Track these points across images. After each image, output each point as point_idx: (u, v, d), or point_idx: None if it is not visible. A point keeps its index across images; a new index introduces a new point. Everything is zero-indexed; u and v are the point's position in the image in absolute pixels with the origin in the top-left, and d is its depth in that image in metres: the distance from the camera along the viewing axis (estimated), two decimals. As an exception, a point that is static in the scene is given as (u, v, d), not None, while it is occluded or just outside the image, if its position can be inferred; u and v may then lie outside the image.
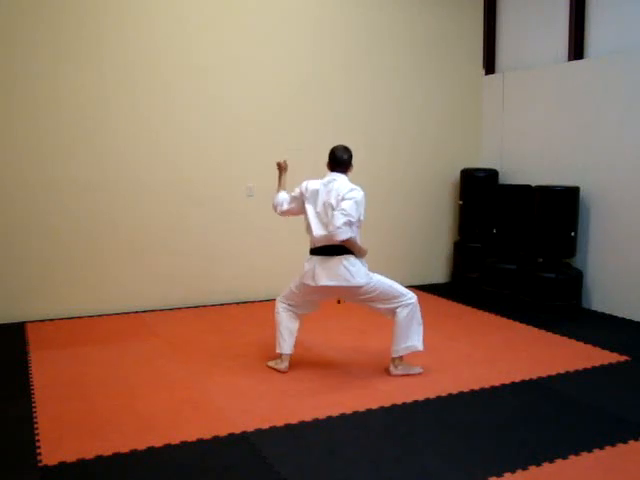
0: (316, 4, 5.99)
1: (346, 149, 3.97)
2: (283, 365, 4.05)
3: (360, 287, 3.84)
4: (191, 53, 5.52)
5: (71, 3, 5.08)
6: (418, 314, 3.98)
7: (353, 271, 3.79)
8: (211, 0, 5.54)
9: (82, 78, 5.17)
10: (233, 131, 5.75)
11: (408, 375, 3.99)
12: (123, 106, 5.33)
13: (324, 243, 3.83)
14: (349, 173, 3.96)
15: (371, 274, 3.92)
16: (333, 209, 3.75)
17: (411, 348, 3.97)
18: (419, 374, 4.02)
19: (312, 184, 3.93)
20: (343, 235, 3.66)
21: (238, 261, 5.87)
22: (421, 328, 4.00)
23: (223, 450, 3.00)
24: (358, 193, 3.77)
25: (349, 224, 3.67)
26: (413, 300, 3.96)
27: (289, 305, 4.08)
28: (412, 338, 3.96)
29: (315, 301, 4.11)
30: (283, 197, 4.06)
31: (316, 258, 3.87)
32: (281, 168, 4.13)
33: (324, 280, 3.81)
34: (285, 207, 4.05)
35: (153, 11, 5.35)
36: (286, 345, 4.04)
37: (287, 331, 4.04)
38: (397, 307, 3.94)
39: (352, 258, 3.81)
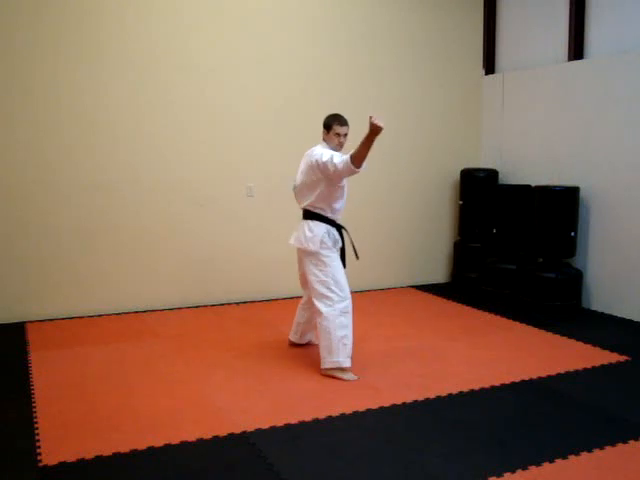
0: (316, 4, 5.99)
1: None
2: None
3: (310, 253, 3.92)
4: (191, 53, 5.52)
5: (71, 3, 5.08)
6: (332, 333, 3.85)
7: (309, 236, 3.93)
8: (211, 0, 5.55)
9: (82, 78, 5.17)
10: (233, 131, 5.74)
11: (405, 375, 3.99)
12: (123, 106, 5.33)
13: (302, 205, 4.05)
14: (326, 138, 4.12)
15: (331, 255, 3.91)
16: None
17: (335, 364, 3.88)
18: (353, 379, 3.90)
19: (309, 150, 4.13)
20: (341, 165, 3.75)
21: (238, 261, 5.87)
22: (346, 344, 3.89)
23: (223, 450, 3.01)
24: (322, 149, 3.93)
25: (336, 158, 3.77)
26: (325, 313, 3.86)
27: (302, 298, 4.39)
28: (335, 354, 3.88)
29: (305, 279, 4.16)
30: None
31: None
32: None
33: (292, 239, 4.09)
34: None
35: (153, 11, 5.35)
36: (291, 332, 4.52)
37: (294, 321, 4.48)
38: (316, 308, 3.93)
39: (313, 224, 3.95)
